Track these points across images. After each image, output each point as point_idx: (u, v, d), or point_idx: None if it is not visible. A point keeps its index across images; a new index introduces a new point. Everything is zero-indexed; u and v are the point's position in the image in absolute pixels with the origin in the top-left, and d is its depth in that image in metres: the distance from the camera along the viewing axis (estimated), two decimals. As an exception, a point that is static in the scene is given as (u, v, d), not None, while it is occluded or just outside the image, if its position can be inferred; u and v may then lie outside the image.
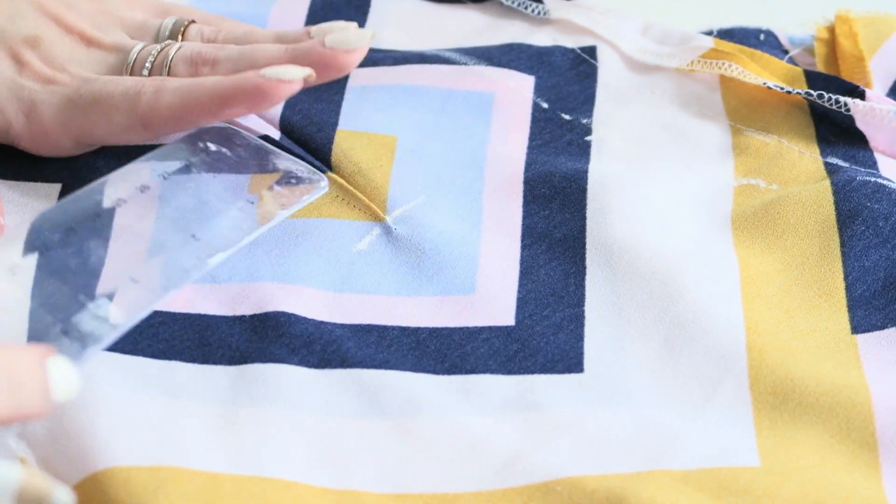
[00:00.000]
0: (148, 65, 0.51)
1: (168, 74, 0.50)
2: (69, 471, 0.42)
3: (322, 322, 0.46)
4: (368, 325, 0.47)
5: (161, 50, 0.51)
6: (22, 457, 0.42)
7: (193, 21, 0.54)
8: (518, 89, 0.56)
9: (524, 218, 0.51)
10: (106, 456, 0.41)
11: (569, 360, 0.46)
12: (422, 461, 0.42)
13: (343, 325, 0.46)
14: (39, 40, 0.51)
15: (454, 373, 0.45)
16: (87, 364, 0.41)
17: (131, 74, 0.51)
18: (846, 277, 0.48)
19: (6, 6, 0.52)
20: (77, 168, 0.52)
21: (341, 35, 0.50)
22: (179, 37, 0.53)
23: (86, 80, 0.50)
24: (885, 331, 0.47)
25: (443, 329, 0.47)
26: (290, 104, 0.55)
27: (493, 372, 0.45)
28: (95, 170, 0.51)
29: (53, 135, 0.50)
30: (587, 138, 0.54)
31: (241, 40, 0.53)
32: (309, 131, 0.54)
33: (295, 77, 0.47)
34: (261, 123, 0.55)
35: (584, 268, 0.49)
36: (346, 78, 0.57)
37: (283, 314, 0.46)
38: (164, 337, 0.46)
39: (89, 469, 0.41)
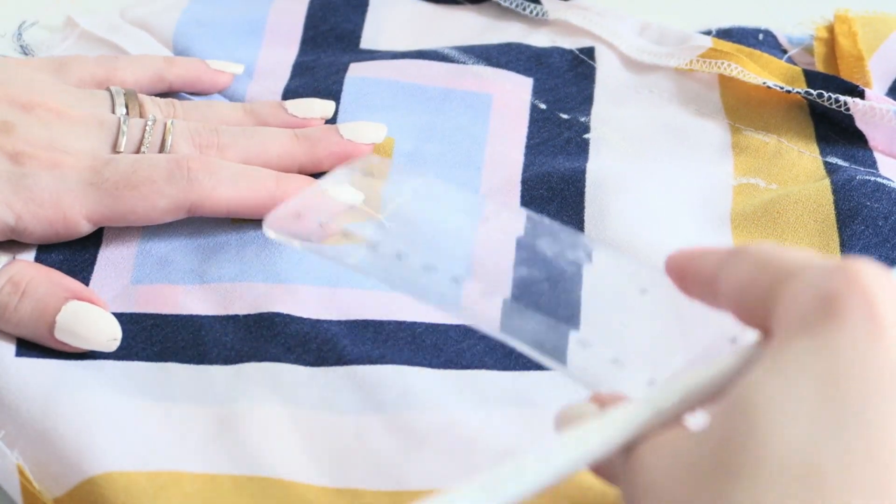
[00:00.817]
0: (147, 143, 0.48)
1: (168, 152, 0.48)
2: (65, 474, 0.41)
3: (318, 320, 0.46)
4: (364, 321, 0.46)
5: (153, 125, 0.48)
6: (19, 464, 0.42)
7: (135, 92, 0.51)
8: (516, 91, 0.56)
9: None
10: (103, 461, 0.41)
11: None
12: (418, 456, 0.42)
13: (339, 322, 0.46)
14: (9, 124, 0.47)
15: (450, 367, 0.45)
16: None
17: (125, 152, 0.48)
18: None
19: None
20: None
21: (355, 127, 0.50)
22: (137, 109, 0.50)
23: (106, 162, 0.46)
24: None
25: (439, 325, 0.46)
26: (288, 97, 0.55)
27: (489, 367, 0.45)
28: None
29: (72, 221, 0.46)
30: (586, 136, 0.54)
31: (207, 115, 0.51)
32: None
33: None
34: None
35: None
36: (345, 67, 0.57)
37: (278, 315, 0.46)
38: (159, 339, 0.46)
39: (86, 473, 0.41)
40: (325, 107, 0.53)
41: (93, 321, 0.44)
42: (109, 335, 0.44)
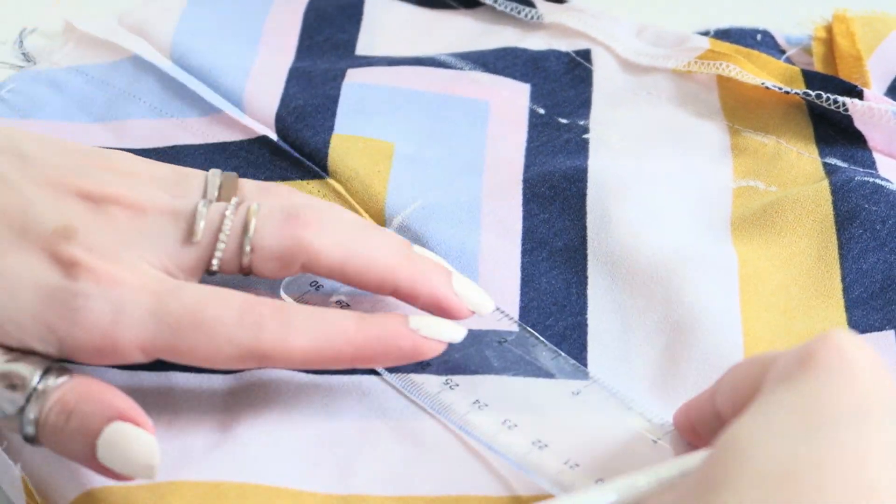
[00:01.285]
0: (226, 229, 0.42)
1: (252, 242, 0.42)
2: (65, 487, 0.41)
3: None
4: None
5: (239, 206, 0.42)
6: (24, 477, 0.42)
7: (237, 177, 0.45)
8: (513, 97, 0.56)
9: (524, 220, 0.50)
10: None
11: (573, 368, 0.45)
12: (425, 463, 0.42)
13: None
14: (70, 228, 0.41)
15: (457, 373, 0.45)
16: None
17: (202, 241, 0.42)
18: (843, 279, 0.48)
19: (9, 196, 0.42)
20: None
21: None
22: (234, 193, 0.44)
23: (171, 290, 0.40)
24: (883, 332, 0.46)
25: None
26: (285, 101, 0.55)
27: (497, 373, 0.45)
28: None
29: (124, 351, 0.40)
30: (585, 136, 0.54)
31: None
32: (304, 135, 0.54)
33: (455, 338, 0.42)
34: (256, 124, 0.55)
35: (586, 277, 0.48)
36: (342, 74, 0.57)
37: None
38: None
39: (84, 486, 0.41)
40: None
41: (130, 445, 0.39)
42: (144, 461, 0.39)
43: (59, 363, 0.40)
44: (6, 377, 0.39)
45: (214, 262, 0.42)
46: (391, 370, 0.44)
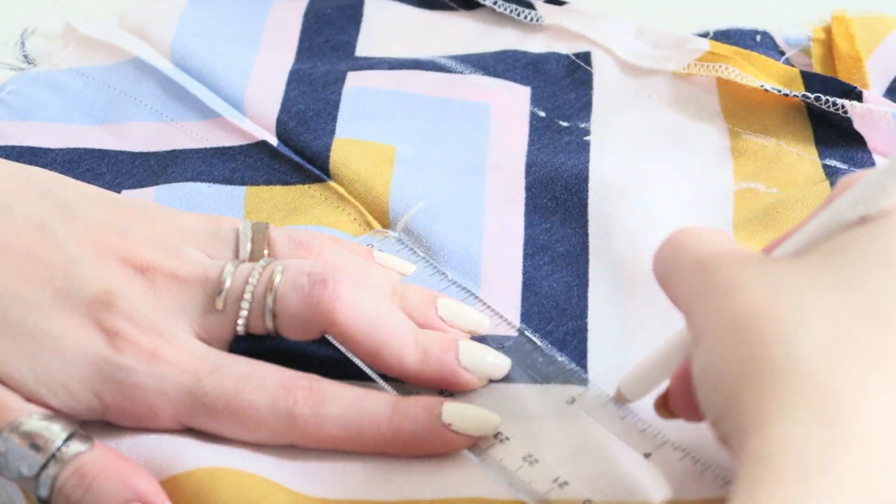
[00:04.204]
0: (248, 296, 0.42)
1: (275, 310, 0.42)
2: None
3: None
4: None
5: (263, 270, 0.43)
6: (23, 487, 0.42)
7: (268, 226, 0.45)
8: (514, 100, 0.56)
9: (526, 228, 0.50)
10: None
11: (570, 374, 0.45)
12: (423, 466, 0.42)
13: None
14: (112, 295, 0.42)
15: None
16: None
17: (225, 307, 0.42)
18: None
19: (53, 253, 0.42)
20: None
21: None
22: (265, 247, 0.45)
23: (210, 371, 0.41)
24: None
25: None
26: (286, 104, 0.55)
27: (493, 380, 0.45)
28: None
29: (162, 422, 0.41)
30: (586, 138, 0.54)
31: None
32: (306, 139, 0.54)
33: (487, 430, 0.42)
34: (256, 128, 0.55)
35: (587, 281, 0.48)
36: (342, 77, 0.57)
37: None
38: None
39: None
40: (479, 321, 0.46)
41: None
42: None
43: (83, 429, 0.41)
44: (30, 436, 0.40)
45: (239, 328, 0.43)
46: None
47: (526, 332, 0.46)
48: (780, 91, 0.54)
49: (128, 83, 0.58)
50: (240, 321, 0.43)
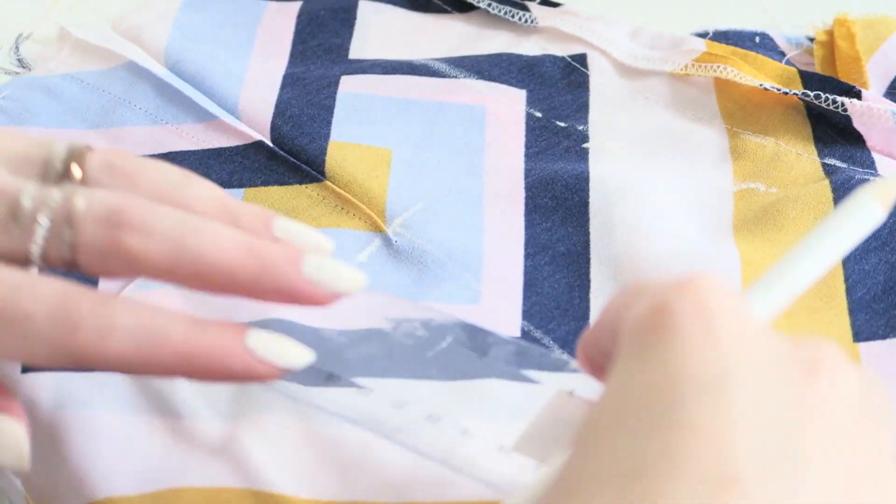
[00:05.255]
0: (43, 222, 0.36)
1: (73, 236, 0.36)
2: (68, 498, 0.41)
3: (319, 329, 0.46)
4: (368, 330, 0.46)
5: (62, 200, 0.36)
6: (27, 496, 0.42)
7: (90, 149, 0.39)
8: (510, 103, 0.56)
9: (526, 228, 0.50)
10: (105, 484, 0.41)
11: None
12: (425, 469, 0.42)
13: (342, 332, 0.46)
14: None
15: (458, 378, 0.45)
16: None
17: (22, 232, 0.36)
18: (846, 280, 0.48)
19: None
20: None
21: (332, 269, 0.37)
22: (75, 169, 0.38)
23: None
24: (888, 340, 0.46)
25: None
26: (279, 108, 0.55)
27: (498, 377, 0.45)
28: None
29: None
30: (584, 145, 0.54)
31: (170, 196, 0.38)
32: (301, 142, 0.54)
33: (296, 365, 0.37)
34: (251, 130, 0.55)
35: (589, 281, 0.48)
36: (336, 81, 0.57)
37: (280, 321, 0.45)
38: None
39: (87, 497, 0.41)
40: (320, 242, 0.40)
41: None
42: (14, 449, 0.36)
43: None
44: None
45: (34, 249, 0.37)
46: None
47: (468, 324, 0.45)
48: (778, 90, 0.54)
49: (122, 87, 0.58)
50: (34, 247, 0.36)
